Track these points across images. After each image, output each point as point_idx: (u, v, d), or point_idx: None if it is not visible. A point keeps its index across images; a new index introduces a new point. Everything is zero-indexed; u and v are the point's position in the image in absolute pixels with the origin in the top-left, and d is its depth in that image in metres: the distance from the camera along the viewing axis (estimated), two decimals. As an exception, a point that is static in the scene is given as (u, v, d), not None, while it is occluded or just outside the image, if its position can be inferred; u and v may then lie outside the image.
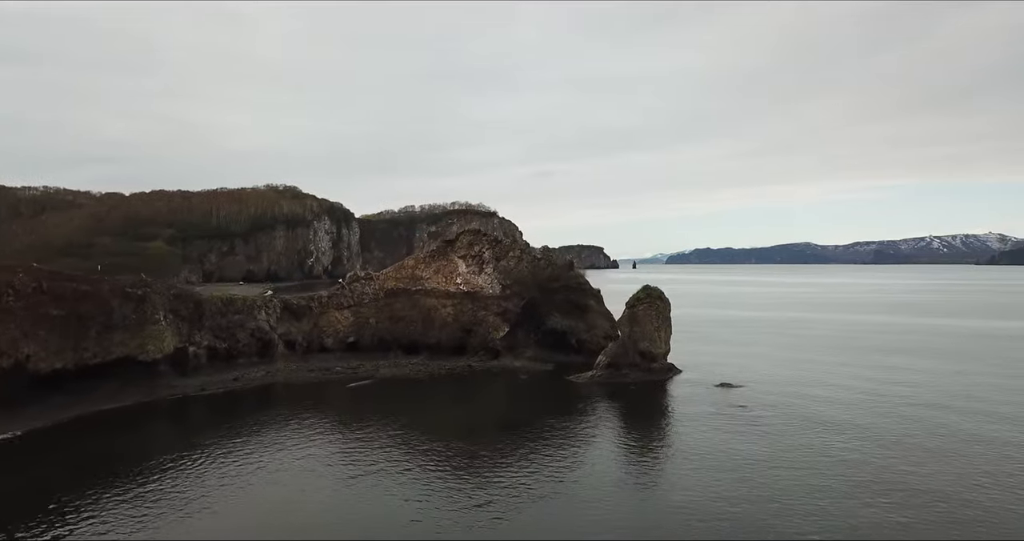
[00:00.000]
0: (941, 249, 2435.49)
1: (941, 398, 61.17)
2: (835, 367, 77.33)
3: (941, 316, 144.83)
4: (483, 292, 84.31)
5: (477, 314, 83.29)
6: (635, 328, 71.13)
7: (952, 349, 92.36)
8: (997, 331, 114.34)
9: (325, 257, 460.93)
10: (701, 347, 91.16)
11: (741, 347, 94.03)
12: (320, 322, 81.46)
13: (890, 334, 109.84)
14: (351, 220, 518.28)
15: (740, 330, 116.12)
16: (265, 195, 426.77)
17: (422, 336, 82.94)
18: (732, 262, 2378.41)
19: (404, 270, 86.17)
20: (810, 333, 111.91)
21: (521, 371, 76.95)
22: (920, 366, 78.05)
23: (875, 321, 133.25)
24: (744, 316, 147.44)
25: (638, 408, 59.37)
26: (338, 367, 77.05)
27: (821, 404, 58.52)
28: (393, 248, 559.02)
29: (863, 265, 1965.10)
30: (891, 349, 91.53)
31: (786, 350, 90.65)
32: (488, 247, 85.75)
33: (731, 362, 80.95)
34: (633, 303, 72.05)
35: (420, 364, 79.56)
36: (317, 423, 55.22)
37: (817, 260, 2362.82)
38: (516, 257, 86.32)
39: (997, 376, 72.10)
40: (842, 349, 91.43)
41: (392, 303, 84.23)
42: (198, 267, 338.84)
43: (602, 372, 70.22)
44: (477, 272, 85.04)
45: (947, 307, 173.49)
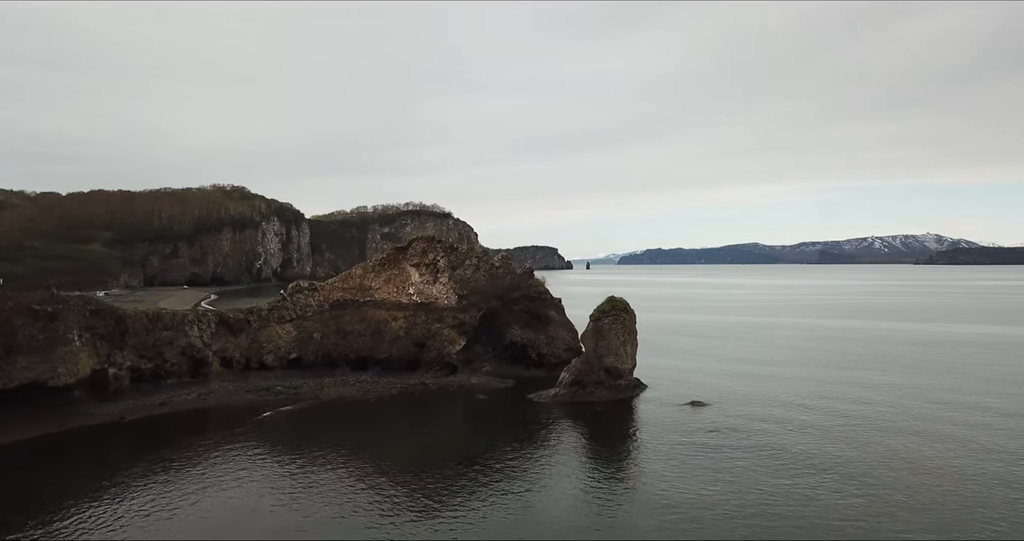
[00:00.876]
0: (882, 249, 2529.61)
1: (916, 422, 57.96)
2: (803, 382, 73.89)
3: (898, 320, 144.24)
4: (438, 303, 78.90)
5: (431, 327, 77.82)
6: (600, 343, 66.57)
7: (916, 359, 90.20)
8: (957, 337, 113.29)
9: (274, 259, 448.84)
10: (665, 359, 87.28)
11: (706, 358, 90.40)
12: (259, 337, 74.99)
13: (852, 342, 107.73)
14: (301, 221, 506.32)
15: (702, 338, 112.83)
16: (211, 195, 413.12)
17: (371, 351, 77.13)
18: (683, 262, 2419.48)
19: (352, 280, 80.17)
20: (773, 341, 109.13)
21: (479, 389, 71.75)
22: (891, 381, 75.23)
23: (835, 326, 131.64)
24: (704, 321, 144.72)
25: (605, 437, 54.54)
26: (279, 386, 70.75)
27: (797, 431, 54.42)
28: (345, 250, 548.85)
29: (809, 265, 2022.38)
30: (857, 360, 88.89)
31: (752, 362, 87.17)
32: (443, 255, 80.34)
33: (698, 375, 77.04)
34: (598, 316, 67.48)
35: (369, 381, 73.78)
36: (252, 453, 49.39)
37: (765, 260, 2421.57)
38: (473, 265, 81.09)
39: (972, 393, 69.54)
40: (808, 360, 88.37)
41: (338, 316, 78.21)
42: (139, 271, 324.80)
43: (565, 390, 65.49)
44: (431, 282, 79.57)
45: (901, 310, 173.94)
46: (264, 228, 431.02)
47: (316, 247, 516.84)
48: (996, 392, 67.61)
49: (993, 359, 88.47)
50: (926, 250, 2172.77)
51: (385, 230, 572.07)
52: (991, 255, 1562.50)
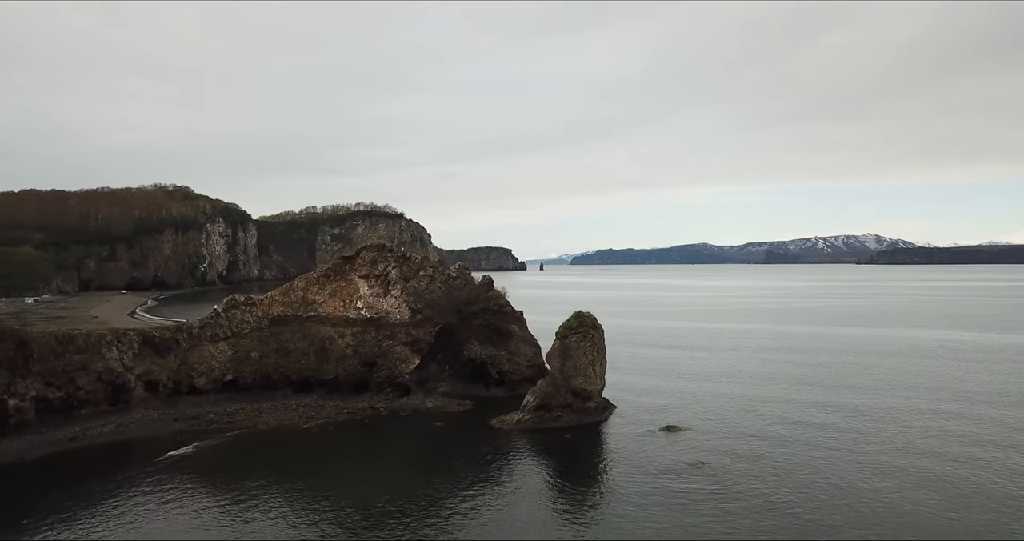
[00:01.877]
0: (825, 249, 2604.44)
1: (909, 459, 53.85)
2: (779, 405, 69.48)
3: (857, 326, 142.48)
4: (389, 318, 72.42)
5: (382, 344, 71.31)
6: (567, 362, 61.04)
7: (888, 374, 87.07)
8: (919, 343, 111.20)
9: (219, 262, 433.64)
10: (632, 374, 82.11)
11: (674, 373, 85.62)
12: (190, 358, 67.44)
13: (819, 352, 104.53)
14: (248, 222, 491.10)
15: (667, 348, 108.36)
16: (152, 196, 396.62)
17: (316, 371, 70.27)
18: (634, 262, 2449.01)
19: (293, 293, 73.11)
20: (740, 351, 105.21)
21: (435, 413, 65.52)
22: (871, 403, 71.49)
23: (797, 333, 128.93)
24: (666, 328, 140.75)
25: (576, 474, 48.77)
26: (211, 413, 63.47)
27: (784, 473, 49.61)
28: (294, 251, 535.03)
29: (756, 264, 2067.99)
30: (828, 375, 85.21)
31: (722, 378, 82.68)
32: (395, 265, 73.87)
33: (668, 394, 72.12)
34: (564, 333, 61.94)
35: (313, 405, 66.96)
36: (173, 495, 43.04)
37: (713, 260, 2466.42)
38: (428, 276, 74.80)
39: (958, 417, 66.04)
40: (778, 376, 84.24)
41: (279, 333, 71.11)
42: (74, 275, 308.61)
43: (530, 415, 59.76)
44: (382, 294, 73.04)
45: (857, 314, 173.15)
46: (209, 230, 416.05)
47: (264, 249, 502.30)
48: (986, 417, 64.00)
49: (965, 371, 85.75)
50: (867, 250, 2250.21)
51: (335, 231, 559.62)
52: (927, 255, 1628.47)
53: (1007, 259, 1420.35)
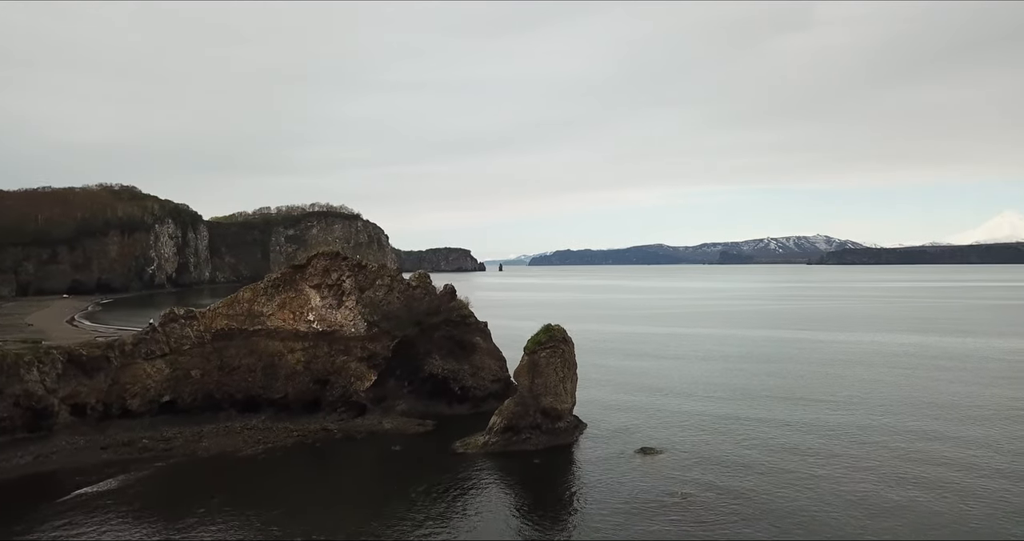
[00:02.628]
0: (777, 250, 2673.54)
1: (908, 492, 50.93)
2: (759, 425, 66.16)
3: (820, 330, 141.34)
4: (343, 331, 67.32)
5: (335, 360, 66.18)
6: (537, 380, 56.83)
7: (865, 386, 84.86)
8: (886, 350, 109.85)
9: (168, 264, 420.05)
10: (600, 387, 78.11)
11: (644, 385, 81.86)
12: (122, 378, 61.47)
13: (789, 362, 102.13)
14: (199, 223, 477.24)
15: (634, 357, 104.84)
16: (97, 196, 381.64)
17: (264, 390, 64.85)
18: (591, 263, 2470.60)
19: (239, 305, 67.49)
20: (709, 360, 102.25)
21: (393, 435, 60.69)
22: (855, 422, 68.83)
23: (763, 338, 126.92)
24: (630, 334, 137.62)
25: (548, 505, 44.51)
26: (145, 439, 57.66)
27: (777, 514, 46.46)
28: (247, 253, 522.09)
29: (711, 265, 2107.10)
30: (803, 388, 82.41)
31: (694, 393, 79.25)
32: (349, 274, 68.75)
33: (639, 410, 68.33)
34: (533, 348, 57.72)
35: (260, 428, 61.56)
36: (94, 537, 37.35)
37: (669, 260, 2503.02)
38: (385, 286, 69.87)
39: (950, 440, 63.64)
40: (754, 390, 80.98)
41: (223, 348, 65.49)
42: (11, 278, 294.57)
43: (497, 438, 55.40)
44: (335, 306, 67.89)
45: (817, 317, 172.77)
46: (157, 231, 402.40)
47: (215, 250, 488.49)
48: (977, 439, 61.60)
49: (938, 382, 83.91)
50: (817, 250, 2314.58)
51: (290, 232, 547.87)
52: (874, 255, 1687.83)
53: (948, 259, 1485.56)
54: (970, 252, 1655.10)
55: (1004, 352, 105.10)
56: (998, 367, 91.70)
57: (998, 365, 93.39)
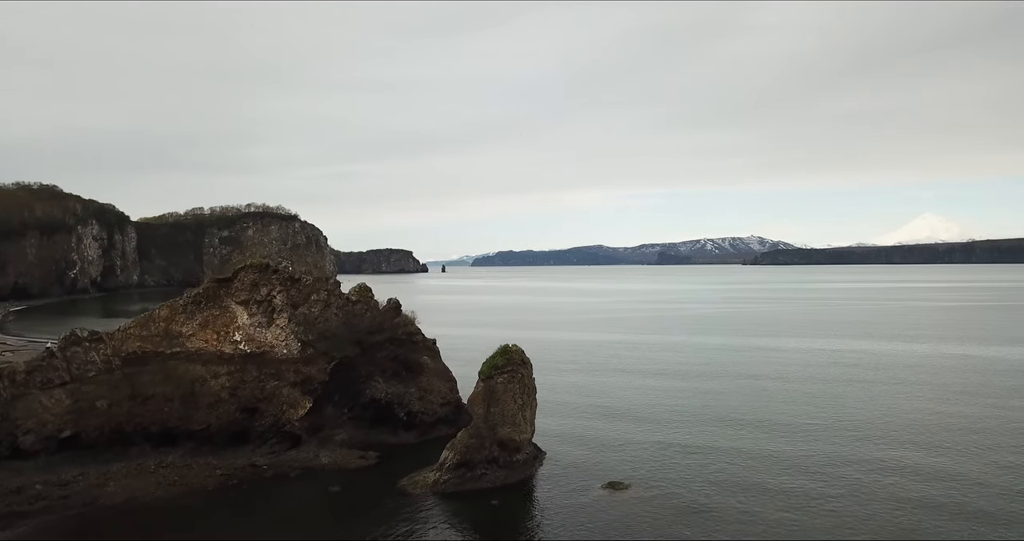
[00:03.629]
0: (713, 250, 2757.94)
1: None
2: (734, 456, 62.05)
3: (772, 336, 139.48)
4: (274, 353, 60.22)
5: (265, 385, 59.06)
6: (493, 409, 51.05)
7: (823, 405, 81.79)
8: (846, 360, 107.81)
9: (93, 268, 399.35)
10: (555, 408, 72.13)
11: (600, 406, 76.43)
12: (12, 411, 53.12)
13: (754, 378, 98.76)
14: (126, 224, 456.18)
15: (586, 371, 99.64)
16: (13, 195, 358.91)
17: (183, 421, 57.25)
18: (533, 264, 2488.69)
19: (154, 324, 59.64)
20: (668, 375, 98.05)
21: (331, 471, 54.03)
22: (839, 453, 65.17)
23: (719, 347, 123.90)
24: (581, 342, 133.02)
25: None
26: (38, 484, 49.60)
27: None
28: (179, 256, 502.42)
29: (650, 265, 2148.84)
30: (772, 407, 78.70)
31: (653, 415, 74.74)
32: (280, 288, 61.64)
33: (600, 434, 63.17)
34: (489, 373, 51.89)
35: (178, 466, 54.09)
36: None
37: (609, 261, 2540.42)
38: (322, 301, 62.99)
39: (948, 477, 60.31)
40: (722, 411, 76.72)
41: (135, 375, 57.62)
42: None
43: (449, 475, 49.40)
44: (265, 324, 60.71)
45: (765, 322, 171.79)
46: (80, 232, 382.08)
47: (144, 253, 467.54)
48: (961, 473, 58.37)
49: (901, 399, 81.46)
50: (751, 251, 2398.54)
51: (224, 234, 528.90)
52: (805, 256, 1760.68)
53: (874, 259, 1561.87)
54: (893, 253, 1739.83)
55: (959, 359, 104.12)
56: (958, 379, 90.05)
57: (957, 377, 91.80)
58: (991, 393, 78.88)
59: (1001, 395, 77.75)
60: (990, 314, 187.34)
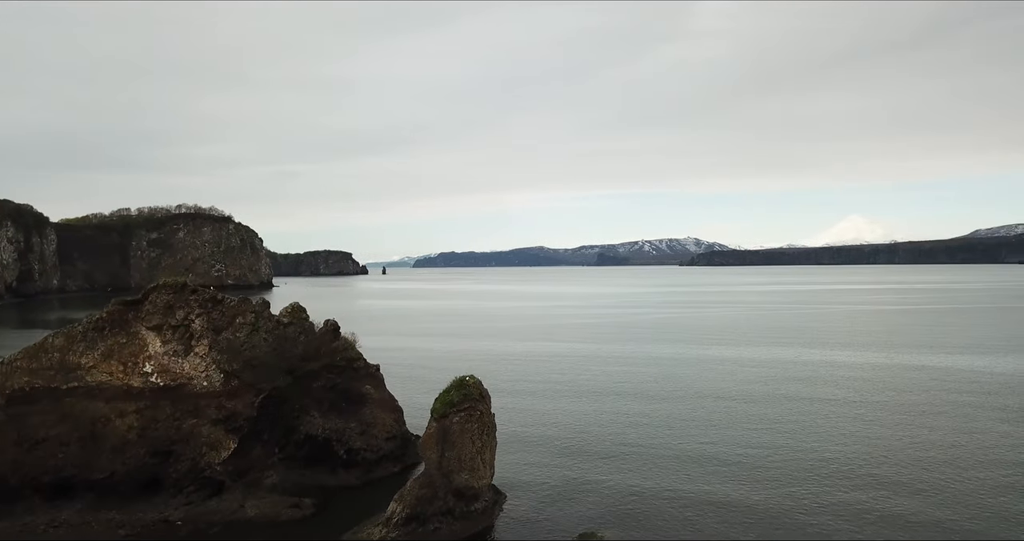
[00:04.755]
0: (651, 251, 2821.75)
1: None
2: (699, 497, 56.99)
3: (719, 345, 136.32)
4: (192, 386, 52.26)
5: (182, 424, 51.09)
6: (448, 453, 44.44)
7: (800, 432, 77.64)
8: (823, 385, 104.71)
9: (8, 272, 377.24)
10: (511, 441, 66.05)
11: (559, 437, 70.35)
12: None
13: (724, 400, 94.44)
14: (45, 226, 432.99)
15: (540, 393, 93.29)
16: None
17: (81, 468, 48.90)
18: (475, 265, 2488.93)
19: (46, 355, 50.98)
20: (622, 395, 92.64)
21: (258, 525, 46.54)
22: (830, 499, 60.43)
23: (679, 358, 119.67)
24: (528, 354, 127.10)
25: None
26: None
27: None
28: (104, 259, 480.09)
29: (590, 266, 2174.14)
30: (749, 433, 74.28)
31: (617, 447, 69.17)
32: (200, 311, 53.66)
33: (563, 474, 56.74)
34: (444, 411, 45.22)
35: (73, 524, 45.83)
36: None
37: (549, 262, 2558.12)
38: (248, 325, 55.21)
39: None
40: (695, 433, 72.25)
41: (23, 415, 48.96)
42: None
43: (398, 531, 42.58)
44: (182, 353, 52.68)
45: (709, 328, 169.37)
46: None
47: (66, 256, 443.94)
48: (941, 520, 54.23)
49: (878, 427, 77.96)
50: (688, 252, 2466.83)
51: (153, 236, 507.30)
52: (739, 257, 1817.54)
53: (804, 260, 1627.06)
54: (823, 253, 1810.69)
55: (918, 371, 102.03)
56: (929, 398, 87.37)
57: (927, 396, 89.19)
58: (962, 413, 76.03)
59: (968, 416, 74.94)
60: (933, 318, 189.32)
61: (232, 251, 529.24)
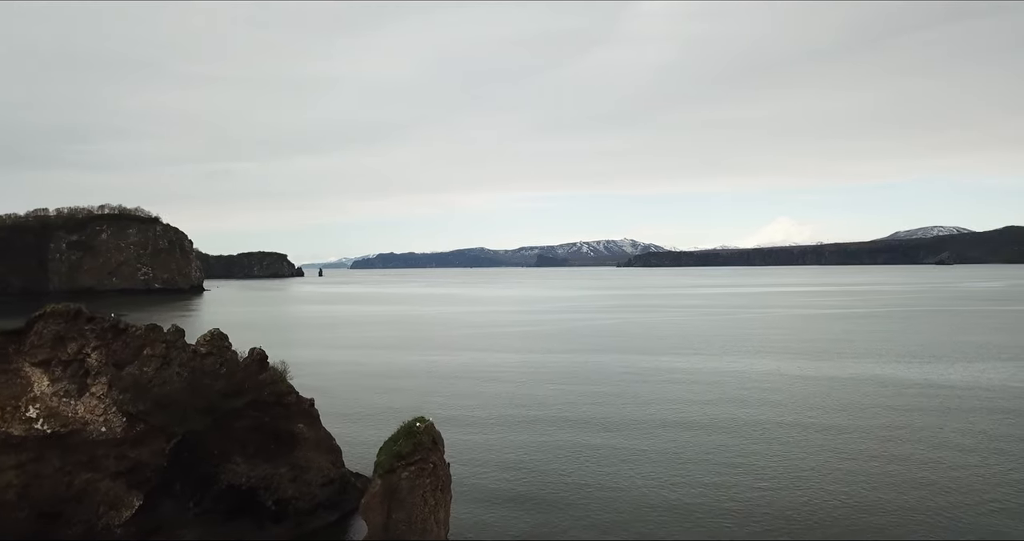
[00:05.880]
0: (589, 253, 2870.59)
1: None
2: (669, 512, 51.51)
3: (673, 354, 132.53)
4: (88, 432, 44.11)
5: (74, 479, 42.91)
6: (397, 515, 37.64)
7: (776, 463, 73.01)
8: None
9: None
10: (465, 491, 58.97)
11: (515, 481, 63.38)
12: None
13: (663, 424, 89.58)
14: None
15: (486, 414, 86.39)
16: None
17: (-55, 538, 40.31)
18: (415, 266, 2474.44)
19: (-98, 401, 42.11)
20: (567, 423, 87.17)
21: (166, 604, 38.99)
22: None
23: (620, 369, 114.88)
24: (472, 367, 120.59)
25: None
26: None
27: None
28: (19, 262, 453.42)
29: (530, 268, 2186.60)
30: (696, 474, 69.02)
31: (583, 496, 63.16)
32: (97, 342, 45.49)
33: (520, 520, 50.74)
34: (391, 465, 38.35)
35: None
36: None
37: (490, 263, 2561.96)
38: (159, 357, 47.25)
39: None
40: (649, 481, 66.96)
41: None
42: None
43: (336, 612, 35.67)
44: (75, 393, 44.46)
45: (660, 335, 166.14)
46: None
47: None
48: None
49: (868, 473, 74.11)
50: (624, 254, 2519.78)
51: (73, 238, 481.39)
52: (674, 258, 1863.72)
53: (736, 261, 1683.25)
54: (754, 255, 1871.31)
55: (872, 383, 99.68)
56: (894, 417, 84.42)
57: (892, 415, 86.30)
58: (931, 436, 72.94)
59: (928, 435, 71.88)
60: (874, 324, 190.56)
61: (160, 253, 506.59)
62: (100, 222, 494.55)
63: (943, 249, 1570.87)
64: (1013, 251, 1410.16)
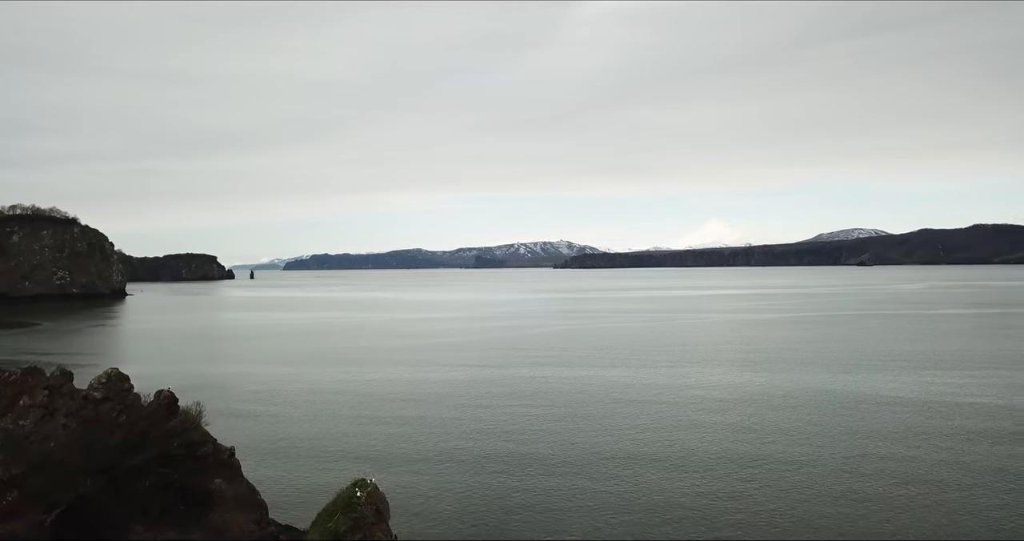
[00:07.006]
0: (526, 254, 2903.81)
1: None
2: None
3: (627, 367, 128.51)
4: (-55, 506, 35.77)
5: (-76, 567, 34.60)
6: (333, 608, 30.90)
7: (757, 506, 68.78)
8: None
9: None
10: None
11: (464, 522, 58.56)
12: None
13: (633, 461, 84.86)
14: None
15: (428, 442, 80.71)
16: None
17: None
18: (351, 267, 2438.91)
19: None
20: (535, 463, 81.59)
21: None
22: None
23: (580, 387, 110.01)
24: (417, 390, 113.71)
25: None
26: None
27: None
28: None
29: (467, 269, 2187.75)
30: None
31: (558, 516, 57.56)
32: (-38, 392, 37.19)
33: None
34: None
35: None
36: None
37: (427, 264, 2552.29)
38: (39, 407, 39.21)
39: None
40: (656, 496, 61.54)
41: None
42: None
43: None
44: (-71, 457, 36.03)
45: (611, 346, 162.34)
46: None
47: None
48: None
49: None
50: (561, 255, 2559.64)
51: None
52: (609, 259, 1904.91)
53: (670, 262, 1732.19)
54: (687, 256, 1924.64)
55: (831, 396, 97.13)
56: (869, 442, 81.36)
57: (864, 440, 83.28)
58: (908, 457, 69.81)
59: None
60: (815, 330, 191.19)
61: (78, 256, 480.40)
62: (11, 223, 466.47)
63: (864, 250, 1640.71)
64: (927, 252, 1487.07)
